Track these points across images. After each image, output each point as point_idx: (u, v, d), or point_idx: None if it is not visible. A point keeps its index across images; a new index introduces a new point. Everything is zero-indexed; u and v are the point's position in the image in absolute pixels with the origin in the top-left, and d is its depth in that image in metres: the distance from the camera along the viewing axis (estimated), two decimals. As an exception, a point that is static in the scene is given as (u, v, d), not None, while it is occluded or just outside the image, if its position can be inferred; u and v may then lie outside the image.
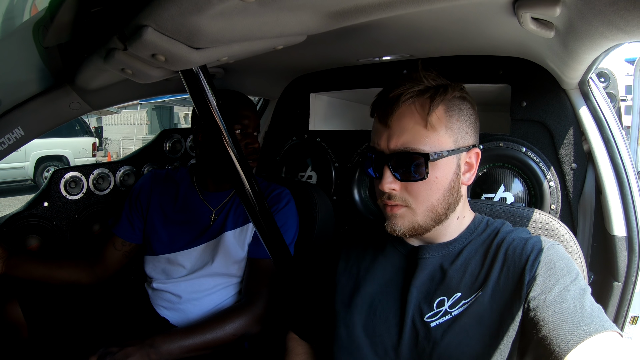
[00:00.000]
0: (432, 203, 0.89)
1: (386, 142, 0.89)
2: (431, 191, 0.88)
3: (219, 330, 1.32)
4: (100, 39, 0.91)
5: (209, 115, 1.05)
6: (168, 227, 1.53)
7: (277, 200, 1.47)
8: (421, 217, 0.90)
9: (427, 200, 0.89)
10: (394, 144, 0.87)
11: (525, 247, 0.89)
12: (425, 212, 0.90)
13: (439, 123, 0.87)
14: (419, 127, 0.87)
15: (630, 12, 0.58)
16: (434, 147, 0.87)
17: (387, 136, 0.89)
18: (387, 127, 0.89)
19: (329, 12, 0.78)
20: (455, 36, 1.24)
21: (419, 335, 0.90)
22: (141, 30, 0.71)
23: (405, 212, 0.90)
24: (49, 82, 1.44)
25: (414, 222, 0.90)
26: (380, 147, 0.90)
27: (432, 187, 0.88)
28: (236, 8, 0.65)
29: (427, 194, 0.88)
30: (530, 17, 0.82)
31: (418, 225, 0.90)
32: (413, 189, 0.88)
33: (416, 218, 0.90)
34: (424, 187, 0.88)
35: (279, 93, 2.04)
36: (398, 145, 0.87)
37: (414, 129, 0.87)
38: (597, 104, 1.32)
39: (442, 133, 0.87)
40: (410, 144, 0.86)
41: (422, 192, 0.88)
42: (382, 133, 0.90)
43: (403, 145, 0.87)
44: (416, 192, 0.88)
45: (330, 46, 1.38)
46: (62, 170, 1.79)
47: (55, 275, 1.49)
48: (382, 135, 0.90)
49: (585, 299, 0.79)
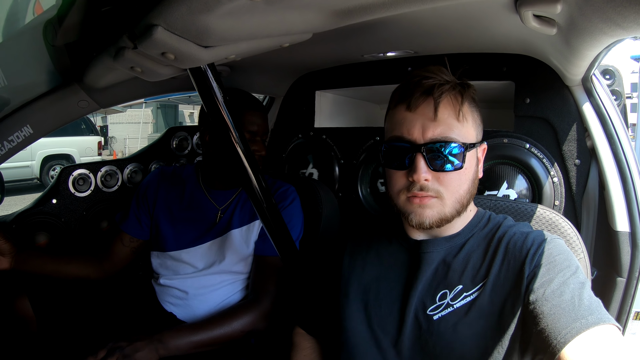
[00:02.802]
0: (461, 194, 0.91)
1: (420, 132, 0.88)
2: (461, 181, 0.90)
3: (226, 326, 1.34)
4: (110, 37, 0.92)
5: (217, 112, 1.07)
6: (174, 224, 1.54)
7: (282, 197, 1.48)
8: (449, 208, 0.90)
9: (457, 191, 0.90)
10: (431, 134, 0.88)
11: (525, 241, 0.90)
12: (453, 203, 0.90)
13: (468, 115, 0.91)
14: (452, 119, 0.89)
15: (627, 9, 0.59)
16: (466, 138, 0.90)
17: (422, 125, 0.88)
18: (420, 116, 0.89)
19: (334, 11, 0.80)
20: (458, 33, 1.25)
21: (422, 328, 0.92)
22: (151, 29, 0.72)
23: (434, 203, 0.90)
24: (57, 81, 1.45)
25: (442, 213, 0.90)
26: (413, 137, 0.89)
27: (462, 178, 0.90)
28: (244, 7, 0.66)
29: (458, 184, 0.90)
30: (532, 15, 0.83)
31: (445, 216, 0.90)
32: (445, 179, 0.89)
33: (445, 209, 0.90)
34: (456, 177, 0.89)
35: (284, 91, 2.05)
36: (435, 134, 0.87)
37: (449, 120, 0.88)
38: (600, 100, 1.33)
39: (469, 126, 0.91)
40: (446, 133, 0.88)
41: (453, 182, 0.89)
42: (415, 122, 0.89)
43: (440, 135, 0.87)
44: (448, 182, 0.89)
45: (335, 43, 1.39)
46: (71, 167, 1.81)
47: (64, 270, 1.51)
48: (414, 125, 0.89)
49: (584, 292, 0.80)
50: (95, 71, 1.22)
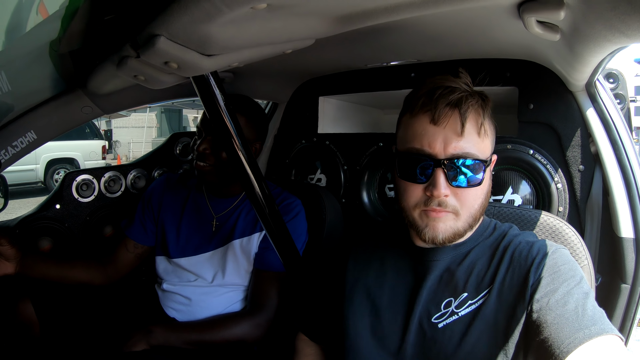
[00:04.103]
0: (476, 209, 0.90)
1: (442, 146, 0.86)
2: (477, 197, 0.89)
3: (216, 333, 1.38)
4: (113, 46, 0.93)
5: (220, 119, 1.07)
6: (178, 231, 1.55)
7: (286, 210, 1.46)
8: (462, 223, 0.89)
9: (472, 206, 0.89)
10: (453, 149, 0.85)
11: (531, 250, 0.89)
12: (467, 218, 0.89)
13: (488, 131, 0.90)
14: (474, 134, 0.87)
15: (631, 16, 0.58)
16: (484, 153, 0.88)
17: (444, 139, 0.86)
18: (444, 129, 0.86)
19: (336, 17, 0.80)
20: (461, 40, 1.25)
21: (426, 336, 0.91)
22: (154, 39, 0.73)
23: (449, 218, 0.88)
24: (61, 87, 1.46)
25: (455, 228, 0.89)
26: (434, 151, 0.86)
27: (478, 193, 0.89)
28: (246, 15, 0.66)
29: (474, 200, 0.89)
30: (536, 21, 0.83)
31: (458, 231, 0.89)
32: (463, 195, 0.87)
33: (458, 224, 0.89)
34: (473, 193, 0.88)
35: (288, 97, 2.06)
36: (457, 150, 0.85)
37: (471, 135, 0.86)
38: (604, 105, 1.32)
39: (488, 141, 0.90)
40: (469, 149, 0.86)
41: (470, 197, 0.88)
42: (437, 136, 0.86)
43: (462, 150, 0.85)
44: (465, 198, 0.88)
45: (338, 50, 1.39)
46: (74, 173, 1.82)
47: (68, 275, 1.52)
48: (436, 138, 0.86)
49: (587, 302, 0.79)
50: (98, 78, 1.23)
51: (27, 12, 0.95)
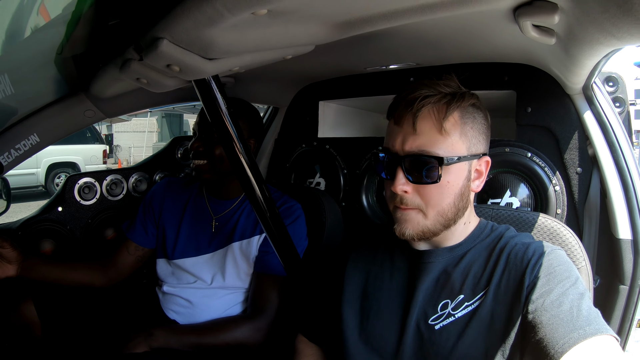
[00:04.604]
0: (443, 207, 0.90)
1: (401, 144, 0.90)
2: (443, 195, 0.90)
3: (215, 336, 1.39)
4: (116, 49, 0.94)
5: (221, 123, 1.08)
6: (178, 232, 1.56)
7: (286, 214, 1.47)
8: (431, 222, 0.91)
9: (438, 205, 0.90)
10: (409, 146, 0.89)
11: (526, 252, 0.90)
12: (435, 217, 0.91)
13: (453, 129, 0.89)
14: (434, 132, 0.88)
15: (620, 19, 0.60)
16: (448, 152, 0.88)
17: (402, 138, 0.90)
18: (402, 128, 0.90)
19: (336, 23, 0.81)
20: (459, 44, 1.26)
21: (423, 338, 0.92)
22: (157, 42, 0.74)
23: (415, 216, 0.91)
24: (64, 91, 1.47)
25: (423, 226, 0.91)
26: (395, 149, 0.90)
27: (444, 192, 0.89)
28: (247, 21, 0.68)
29: (439, 198, 0.90)
30: (531, 25, 0.84)
31: (427, 229, 0.91)
32: (425, 193, 0.89)
33: (426, 222, 0.91)
34: (436, 190, 0.89)
35: (288, 101, 2.07)
36: (413, 147, 0.88)
37: (430, 133, 0.88)
38: (601, 108, 1.33)
39: (456, 139, 0.89)
40: (424, 147, 0.88)
41: (434, 195, 0.89)
42: (397, 135, 0.91)
43: (418, 148, 0.88)
44: (428, 196, 0.89)
45: (338, 55, 1.40)
46: (76, 175, 1.83)
47: (69, 277, 1.53)
48: (397, 137, 0.90)
49: (582, 303, 0.80)
50: (101, 81, 1.24)
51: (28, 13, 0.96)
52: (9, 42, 1.09)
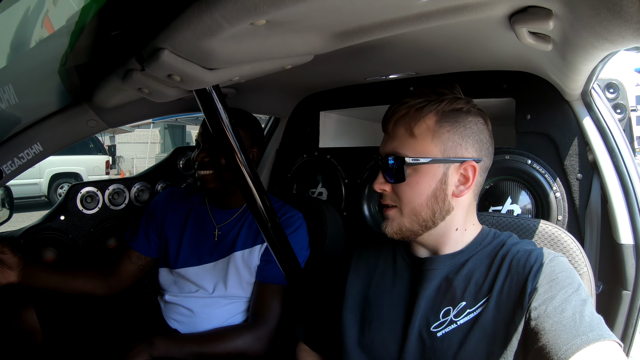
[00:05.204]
0: (415, 207, 0.94)
1: (382, 148, 0.99)
2: (413, 195, 0.94)
3: (217, 345, 1.38)
4: (118, 60, 0.96)
5: (222, 133, 1.09)
6: (181, 242, 1.56)
7: (287, 224, 1.48)
8: (407, 220, 0.95)
9: (410, 203, 0.94)
10: (386, 149, 0.97)
11: (529, 259, 0.90)
12: (409, 215, 0.95)
13: (426, 132, 0.93)
14: (406, 135, 0.94)
15: (611, 22, 0.60)
16: (416, 153, 0.93)
17: (384, 142, 0.99)
18: (385, 134, 1.00)
19: (334, 33, 0.82)
20: (458, 53, 1.27)
21: (426, 345, 0.92)
22: (158, 52, 0.76)
23: (394, 214, 0.96)
24: (67, 101, 1.49)
25: (401, 224, 0.96)
26: (379, 152, 0.99)
27: (413, 191, 0.94)
28: (246, 31, 0.69)
29: (410, 197, 0.94)
30: (527, 32, 0.84)
31: (405, 227, 0.96)
32: (399, 191, 0.95)
33: (403, 220, 0.95)
34: (406, 189, 0.94)
35: (289, 112, 2.08)
36: (388, 149, 0.96)
37: (402, 137, 0.95)
38: (600, 114, 1.34)
39: (428, 142, 0.93)
40: (396, 149, 0.95)
41: (405, 194, 0.94)
42: (383, 140, 1.00)
43: (391, 150, 0.96)
44: (401, 194, 0.95)
45: (338, 65, 1.41)
46: (79, 185, 1.84)
47: (70, 285, 1.53)
48: (382, 142, 1.00)
49: (585, 309, 0.80)
50: (104, 91, 1.26)
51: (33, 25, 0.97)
52: (11, 51, 1.11)
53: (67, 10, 0.87)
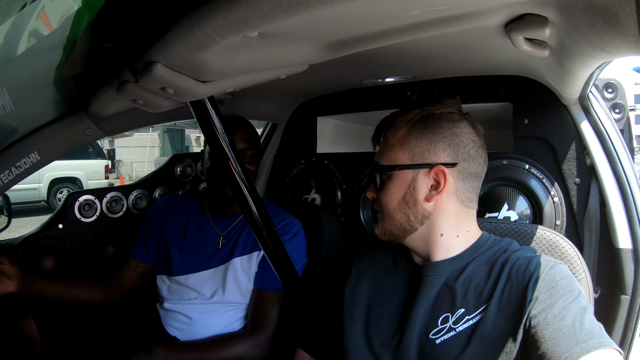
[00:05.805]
0: (390, 211, 0.98)
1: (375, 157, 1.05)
2: (387, 200, 0.99)
3: (216, 352, 1.38)
4: (113, 71, 0.95)
5: (216, 142, 1.09)
6: (180, 249, 1.56)
7: (284, 230, 1.47)
8: (387, 223, 1.00)
9: (385, 207, 1.00)
10: (375, 159, 1.03)
11: (529, 266, 0.89)
12: (387, 219, 1.00)
13: (397, 141, 0.98)
14: (385, 145, 1.01)
15: (608, 33, 0.60)
16: (389, 161, 0.99)
17: None
18: None
19: (328, 43, 0.82)
20: (455, 59, 1.27)
21: (424, 352, 0.91)
22: (151, 65, 0.75)
23: (379, 218, 1.03)
24: (64, 109, 1.48)
25: (383, 227, 1.01)
26: None
27: (387, 196, 0.99)
28: (239, 44, 0.68)
29: (385, 202, 1.00)
30: (524, 38, 0.84)
31: (387, 230, 1.00)
32: (379, 196, 1.01)
33: (384, 223, 1.00)
34: (382, 195, 1.00)
35: (286, 117, 2.08)
36: (375, 159, 1.03)
37: (383, 147, 1.02)
38: (597, 118, 1.33)
39: (398, 150, 0.98)
40: (377, 159, 1.02)
41: (382, 199, 1.00)
42: None
43: (376, 160, 1.03)
44: (380, 199, 1.01)
45: (334, 71, 1.41)
46: (77, 193, 1.84)
47: (69, 293, 1.53)
48: None
49: (585, 316, 0.80)
50: (100, 101, 1.25)
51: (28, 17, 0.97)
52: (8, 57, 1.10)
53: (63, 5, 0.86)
